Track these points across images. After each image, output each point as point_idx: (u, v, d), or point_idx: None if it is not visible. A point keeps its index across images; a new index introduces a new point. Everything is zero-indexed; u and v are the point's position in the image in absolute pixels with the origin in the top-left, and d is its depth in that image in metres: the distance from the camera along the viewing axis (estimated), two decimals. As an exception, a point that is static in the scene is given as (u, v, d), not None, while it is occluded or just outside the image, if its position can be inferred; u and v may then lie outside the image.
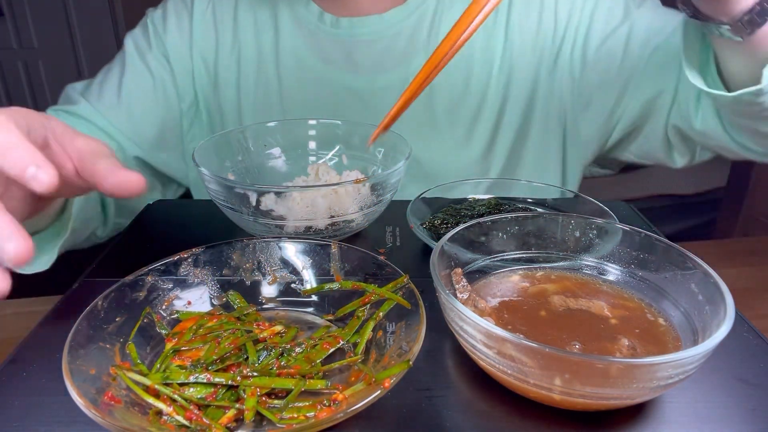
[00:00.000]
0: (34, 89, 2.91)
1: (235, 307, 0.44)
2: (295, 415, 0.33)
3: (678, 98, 0.69)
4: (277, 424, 0.33)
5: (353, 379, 0.37)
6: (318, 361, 0.38)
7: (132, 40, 0.81)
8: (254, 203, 0.53)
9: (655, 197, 2.37)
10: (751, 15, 0.48)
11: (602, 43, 0.73)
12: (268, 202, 0.54)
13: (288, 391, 0.35)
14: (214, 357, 0.36)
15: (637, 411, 0.36)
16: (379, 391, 0.32)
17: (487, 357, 0.35)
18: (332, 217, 0.53)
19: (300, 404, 0.34)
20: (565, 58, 0.76)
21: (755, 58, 0.52)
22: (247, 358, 0.37)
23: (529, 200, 0.62)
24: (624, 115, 0.75)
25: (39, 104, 2.93)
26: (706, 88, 0.56)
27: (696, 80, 0.56)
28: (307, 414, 0.33)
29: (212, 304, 0.45)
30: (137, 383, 0.34)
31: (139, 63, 0.80)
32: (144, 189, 0.41)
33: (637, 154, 0.80)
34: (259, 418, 0.34)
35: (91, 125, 0.75)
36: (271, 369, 0.36)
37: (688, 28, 0.57)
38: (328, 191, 0.53)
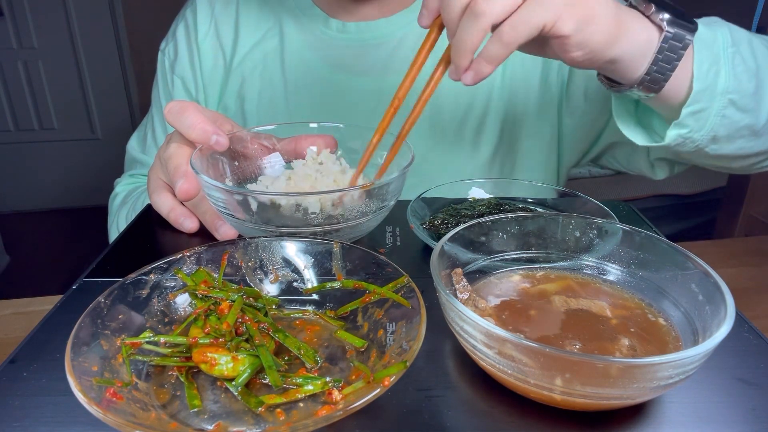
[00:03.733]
0: (34, 89, 2.90)
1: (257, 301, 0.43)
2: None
3: None
4: (277, 423, 0.33)
5: (353, 377, 0.37)
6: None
7: (157, 83, 0.89)
8: (254, 209, 0.53)
9: (655, 197, 2.37)
10: (651, 75, 0.52)
11: None
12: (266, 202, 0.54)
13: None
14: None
15: (637, 411, 0.36)
16: (378, 390, 0.32)
17: (487, 357, 0.35)
18: (337, 222, 0.52)
19: (301, 403, 0.34)
20: (555, 66, 0.77)
21: (674, 107, 0.55)
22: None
23: (529, 200, 0.62)
24: (607, 126, 0.77)
25: (39, 104, 2.93)
26: (639, 142, 0.59)
27: (631, 135, 0.59)
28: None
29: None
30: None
31: (165, 103, 0.87)
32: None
33: (624, 164, 0.81)
34: (259, 419, 0.34)
35: None
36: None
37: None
38: (330, 197, 0.53)
